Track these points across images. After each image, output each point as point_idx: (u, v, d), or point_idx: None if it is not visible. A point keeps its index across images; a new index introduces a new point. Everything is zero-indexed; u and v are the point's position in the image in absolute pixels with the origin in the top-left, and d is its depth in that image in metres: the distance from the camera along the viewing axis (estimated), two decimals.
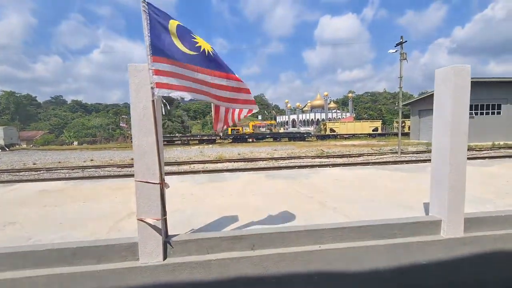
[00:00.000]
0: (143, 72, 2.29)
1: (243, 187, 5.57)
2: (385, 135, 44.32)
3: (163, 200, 2.48)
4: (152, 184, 2.42)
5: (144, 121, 2.36)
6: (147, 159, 2.39)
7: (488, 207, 3.89)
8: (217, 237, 2.56)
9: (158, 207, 2.45)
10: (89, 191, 5.69)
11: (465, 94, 2.72)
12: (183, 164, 16.52)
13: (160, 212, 2.46)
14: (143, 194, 2.42)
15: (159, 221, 2.46)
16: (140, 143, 2.38)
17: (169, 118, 68.55)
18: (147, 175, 2.41)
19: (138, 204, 2.43)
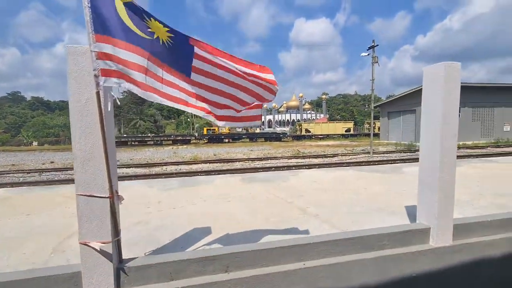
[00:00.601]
0: (86, 56, 1.79)
1: (217, 192, 5.13)
2: (357, 135, 45.97)
3: (115, 218, 1.99)
4: (99, 198, 1.92)
5: (88, 118, 1.86)
6: (92, 167, 1.89)
7: (467, 209, 3.84)
8: (183, 259, 2.12)
9: (107, 227, 1.95)
10: (38, 200, 4.90)
11: (456, 93, 2.55)
12: (154, 166, 15.59)
13: (110, 232, 1.96)
14: (87, 212, 1.91)
15: (109, 244, 1.96)
16: (82, 146, 1.87)
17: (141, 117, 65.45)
18: (92, 187, 1.91)
19: (80, 225, 1.92)
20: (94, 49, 1.66)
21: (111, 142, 2.00)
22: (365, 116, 65.92)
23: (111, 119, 2.01)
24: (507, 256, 2.89)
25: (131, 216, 3.79)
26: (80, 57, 1.81)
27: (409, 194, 4.66)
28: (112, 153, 1.99)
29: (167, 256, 2.15)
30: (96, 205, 1.92)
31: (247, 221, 3.49)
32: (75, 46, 1.80)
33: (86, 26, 1.62)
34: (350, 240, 2.50)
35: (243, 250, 2.27)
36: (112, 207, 1.97)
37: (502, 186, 5.18)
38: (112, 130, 2.06)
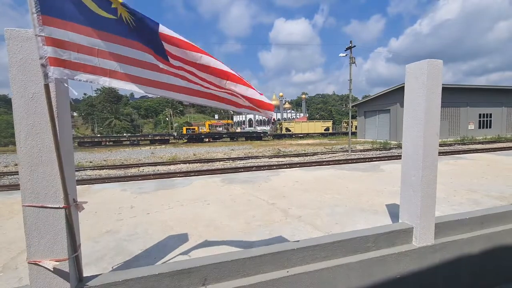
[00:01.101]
0: (32, 42, 1.51)
1: (196, 194, 4.88)
2: (335, 134, 47.10)
3: (72, 231, 1.72)
4: (51, 209, 1.64)
5: (35, 116, 1.57)
6: (41, 173, 1.61)
7: (444, 206, 3.91)
8: (154, 274, 1.89)
9: (63, 242, 1.68)
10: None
11: (438, 90, 2.53)
12: (130, 167, 14.85)
13: (66, 248, 1.69)
14: (36, 225, 1.63)
15: (65, 262, 1.69)
16: (29, 149, 1.58)
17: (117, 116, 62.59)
18: (43, 196, 1.63)
19: (29, 241, 1.63)
20: (40, 33, 1.38)
21: (67, 144, 1.73)
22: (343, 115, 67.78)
23: (66, 116, 1.73)
24: (485, 252, 2.94)
25: (100, 224, 3.46)
26: (25, 43, 1.52)
27: (389, 192, 4.70)
28: (67, 156, 1.71)
29: (136, 271, 1.91)
30: (48, 218, 1.64)
31: (227, 226, 3.29)
32: (18, 30, 1.50)
33: (29, 4, 1.34)
34: (334, 243, 2.39)
35: (222, 260, 2.08)
36: (68, 219, 1.70)
37: (473, 181, 5.39)
38: (69, 130, 1.78)
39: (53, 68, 1.44)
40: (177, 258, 2.48)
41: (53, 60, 1.44)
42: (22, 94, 1.55)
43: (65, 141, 1.69)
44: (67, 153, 1.71)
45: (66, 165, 1.67)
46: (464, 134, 29.11)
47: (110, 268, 2.38)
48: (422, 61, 2.49)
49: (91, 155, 22.95)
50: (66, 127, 1.73)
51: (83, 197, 4.90)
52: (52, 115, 1.53)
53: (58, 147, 1.57)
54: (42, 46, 1.40)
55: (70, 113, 1.88)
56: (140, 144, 35.70)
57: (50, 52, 1.42)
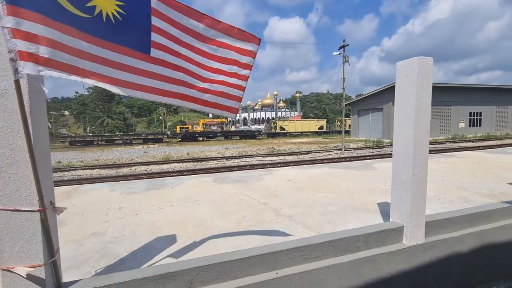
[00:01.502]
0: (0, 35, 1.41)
1: (187, 194, 4.80)
2: (329, 132, 47.34)
3: (49, 235, 1.64)
4: (25, 212, 1.55)
5: (5, 115, 1.48)
6: (13, 175, 1.52)
7: (434, 204, 3.92)
8: (137, 279, 1.81)
9: (38, 247, 1.59)
10: None
11: (428, 88, 2.50)
12: (122, 166, 14.63)
13: (42, 253, 1.61)
14: (9, 230, 1.54)
15: (41, 268, 1.60)
16: (0, 149, 1.49)
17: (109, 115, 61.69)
18: (16, 199, 1.54)
19: (1, 247, 1.54)
20: (6, 25, 1.29)
21: (42, 143, 1.64)
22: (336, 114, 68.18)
23: (41, 114, 1.64)
24: (475, 250, 2.95)
25: (86, 226, 3.36)
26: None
27: (381, 190, 4.69)
28: (43, 157, 1.63)
29: (118, 276, 1.83)
30: (22, 222, 1.56)
31: (217, 226, 3.23)
32: None
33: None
34: (325, 244, 2.35)
35: (209, 262, 2.02)
36: (44, 223, 1.61)
37: (464, 179, 5.44)
38: (45, 128, 1.69)
39: (23, 62, 1.35)
40: (164, 261, 2.41)
41: (24, 54, 1.35)
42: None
43: (40, 140, 1.60)
44: (42, 153, 1.62)
45: (42, 166, 1.58)
46: (455, 132, 29.59)
47: (93, 272, 2.30)
48: (413, 58, 2.46)
49: (83, 154, 22.57)
50: (42, 126, 1.64)
51: (71, 197, 4.77)
52: (24, 113, 1.44)
53: (31, 147, 1.49)
54: (10, 39, 1.31)
55: (62, 112, 1.80)
56: (133, 143, 35.29)
57: (19, 46, 1.33)
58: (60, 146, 33.32)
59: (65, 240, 2.92)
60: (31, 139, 1.48)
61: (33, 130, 1.51)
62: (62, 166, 15.08)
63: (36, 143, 1.54)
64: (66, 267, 2.34)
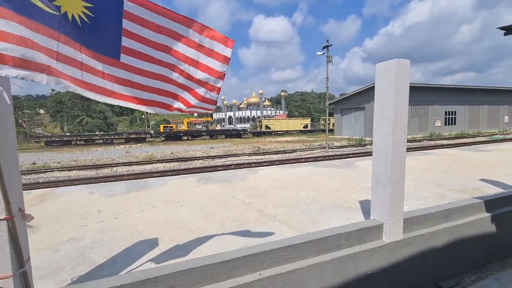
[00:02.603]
0: None
1: (170, 195, 4.70)
2: (314, 131, 48.09)
3: (17, 244, 1.54)
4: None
5: None
6: None
7: (412, 201, 4.07)
8: (116, 286, 1.75)
9: (5, 257, 1.50)
10: None
11: (406, 89, 2.58)
12: (102, 167, 14.14)
13: (10, 263, 1.51)
14: None
15: (9, 279, 1.51)
16: None
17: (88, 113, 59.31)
18: None
19: None
20: None
21: (9, 147, 1.53)
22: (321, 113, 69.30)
23: (7, 115, 1.53)
24: (449, 244, 3.09)
25: (62, 231, 3.21)
26: None
27: (363, 188, 4.82)
28: (10, 161, 1.52)
29: (94, 284, 1.76)
30: None
31: (200, 228, 3.18)
32: None
33: None
34: (307, 243, 2.38)
35: (191, 266, 1.98)
36: (12, 231, 1.51)
37: (440, 176, 5.69)
38: (10, 130, 1.58)
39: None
40: (145, 266, 2.35)
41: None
42: None
43: (6, 144, 1.50)
44: (9, 155, 1.52)
45: (8, 170, 1.48)
46: (432, 131, 30.93)
47: (69, 280, 2.20)
48: (391, 60, 2.53)
49: (60, 155, 21.58)
50: (7, 127, 1.54)
51: (45, 201, 4.54)
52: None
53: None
54: None
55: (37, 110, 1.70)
56: (114, 143, 34.18)
57: None
58: (35, 146, 31.70)
59: (39, 248, 2.78)
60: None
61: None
62: (37, 168, 14.36)
63: (2, 146, 1.44)
64: (39, 276, 2.23)
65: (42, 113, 72.90)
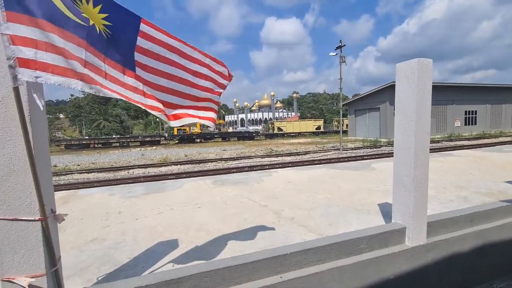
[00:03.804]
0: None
1: (187, 198, 4.77)
2: (327, 133, 47.47)
3: (50, 244, 1.61)
4: (26, 221, 1.52)
5: (5, 123, 1.45)
6: (13, 184, 1.49)
7: (434, 204, 3.94)
8: (141, 286, 1.79)
9: (39, 257, 1.57)
10: None
11: (428, 89, 2.51)
12: (119, 169, 14.54)
13: (43, 262, 1.58)
14: (9, 240, 1.51)
15: (43, 277, 1.58)
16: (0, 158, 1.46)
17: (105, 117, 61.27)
18: (16, 208, 1.51)
19: (2, 257, 1.51)
20: (5, 32, 1.27)
21: (42, 151, 1.61)
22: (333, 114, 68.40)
23: (41, 121, 1.62)
24: (476, 249, 2.96)
25: (86, 232, 3.32)
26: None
27: (381, 191, 4.71)
28: (43, 164, 1.60)
29: (121, 284, 1.81)
30: (22, 231, 1.53)
31: (219, 230, 3.21)
32: None
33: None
34: (328, 246, 2.35)
35: (213, 268, 2.00)
36: (45, 231, 1.58)
37: (462, 178, 5.47)
38: (45, 135, 1.67)
39: (22, 69, 1.33)
40: (166, 267, 2.39)
41: (22, 60, 1.33)
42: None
43: (40, 148, 1.57)
44: (43, 160, 1.60)
45: (42, 174, 1.55)
46: (451, 131, 29.84)
47: (95, 279, 2.27)
48: (412, 60, 2.47)
49: (79, 158, 22.38)
50: (42, 133, 1.62)
51: (69, 203, 4.72)
52: (24, 121, 1.42)
53: (31, 155, 1.46)
54: (9, 46, 1.29)
55: (57, 115, 1.80)
56: (130, 145, 35.09)
57: (18, 52, 1.31)
58: (56, 149, 33.02)
59: (65, 248, 2.89)
60: (31, 147, 1.46)
61: (33, 138, 1.49)
62: (58, 170, 14.94)
63: (36, 150, 1.52)
64: (67, 275, 2.31)
65: (62, 118, 76.00)
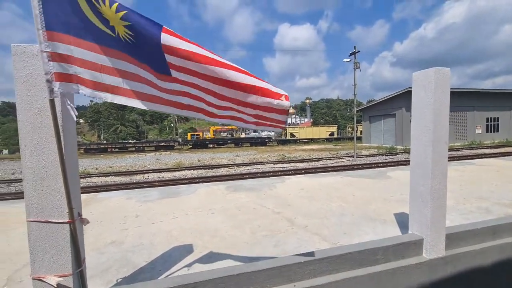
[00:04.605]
0: (37, 58, 1.52)
1: (201, 203, 4.85)
2: (340, 139, 46.82)
3: (77, 246, 1.71)
4: (56, 224, 1.63)
5: (41, 131, 1.58)
6: (46, 188, 1.61)
7: (453, 214, 3.82)
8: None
9: (67, 258, 1.66)
10: (0, 218, 4.40)
11: (446, 99, 2.48)
12: (135, 173, 14.94)
13: (70, 263, 1.67)
14: (41, 241, 1.62)
15: (69, 277, 1.67)
16: (34, 164, 1.58)
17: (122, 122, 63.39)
18: (48, 211, 1.62)
19: (33, 256, 1.62)
20: (45, 49, 1.39)
21: (72, 158, 1.73)
22: (347, 120, 67.44)
23: (71, 130, 1.73)
24: (498, 264, 2.84)
25: (105, 234, 3.45)
26: (31, 58, 1.53)
27: (397, 200, 4.61)
28: (73, 171, 1.71)
29: (142, 286, 1.88)
30: (53, 233, 1.63)
31: (232, 236, 3.25)
32: (24, 46, 1.52)
33: (35, 21, 1.35)
34: (342, 256, 2.33)
35: (228, 273, 2.03)
36: (73, 234, 1.68)
37: (483, 188, 5.26)
38: (74, 144, 1.78)
39: (58, 83, 1.45)
40: (182, 271, 2.45)
41: (58, 75, 1.45)
42: (28, 109, 1.56)
43: (70, 155, 1.69)
44: (72, 167, 1.71)
45: (71, 179, 1.66)
46: (472, 139, 28.71)
47: (115, 281, 2.36)
48: (429, 69, 2.45)
49: (97, 161, 23.17)
50: (72, 141, 1.73)
51: (89, 205, 4.91)
52: (58, 130, 1.53)
53: (63, 162, 1.57)
54: (48, 62, 1.41)
55: (77, 120, 1.88)
56: (145, 150, 35.99)
57: (55, 68, 1.43)
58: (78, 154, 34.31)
59: (86, 249, 2.98)
60: (63, 154, 1.57)
61: (64, 146, 1.60)
62: None
63: (67, 157, 1.63)
64: (89, 276, 2.40)
65: (81, 122, 79.17)
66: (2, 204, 5.40)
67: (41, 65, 1.48)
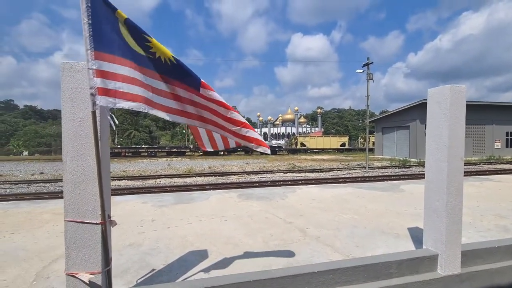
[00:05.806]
0: (82, 73, 1.70)
1: (214, 210, 4.95)
2: (352, 150, 46.19)
3: (106, 246, 1.84)
4: (89, 224, 1.77)
5: (81, 139, 1.74)
6: (83, 191, 1.76)
7: (470, 231, 3.75)
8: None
9: (97, 256, 1.79)
10: (24, 217, 4.65)
11: (462, 116, 2.51)
12: (148, 178, 15.26)
13: (100, 262, 1.80)
14: (76, 239, 1.76)
15: (98, 275, 1.79)
16: (74, 168, 1.74)
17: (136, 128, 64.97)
18: (83, 212, 1.76)
19: (68, 254, 1.76)
20: (92, 67, 1.57)
21: (106, 165, 1.88)
22: (359, 131, 66.62)
23: (106, 140, 1.89)
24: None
25: (124, 237, 3.60)
26: (76, 74, 1.71)
27: (410, 214, 4.56)
28: (106, 176, 1.86)
29: (160, 287, 1.98)
30: (87, 232, 1.77)
31: (245, 244, 3.32)
32: (71, 63, 1.70)
33: (84, 42, 1.53)
34: (356, 268, 2.36)
35: (244, 280, 2.11)
36: (103, 234, 1.82)
37: (501, 206, 5.13)
38: (107, 152, 1.94)
39: (100, 97, 1.61)
40: (198, 275, 2.54)
41: (101, 89, 1.61)
42: (71, 119, 1.73)
43: (104, 162, 1.84)
44: (105, 173, 1.86)
45: (105, 185, 1.80)
46: (491, 153, 27.73)
47: (134, 281, 2.47)
48: (445, 86, 2.50)
49: (111, 165, 23.71)
50: (106, 149, 1.89)
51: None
52: (97, 138, 1.69)
53: (99, 167, 1.72)
54: (93, 78, 1.58)
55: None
56: (158, 155, 36.66)
57: (99, 83, 1.60)
58: None
59: None
60: (100, 160, 1.72)
61: (100, 153, 1.75)
62: None
63: (102, 163, 1.78)
64: None
65: None
66: (26, 204, 5.68)
67: (84, 80, 1.66)
